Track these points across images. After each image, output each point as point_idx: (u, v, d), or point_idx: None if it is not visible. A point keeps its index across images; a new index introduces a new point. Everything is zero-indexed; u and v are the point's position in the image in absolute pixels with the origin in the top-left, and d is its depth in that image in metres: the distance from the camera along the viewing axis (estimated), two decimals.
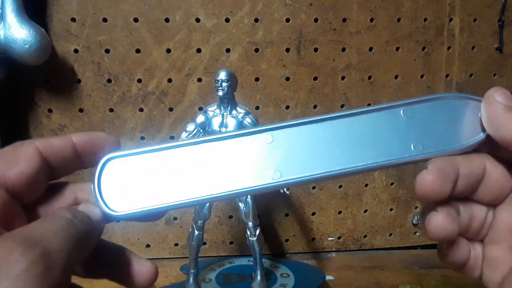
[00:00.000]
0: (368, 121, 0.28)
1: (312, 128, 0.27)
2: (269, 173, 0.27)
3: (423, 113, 0.28)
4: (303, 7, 0.64)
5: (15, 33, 0.55)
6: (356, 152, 0.27)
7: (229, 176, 0.26)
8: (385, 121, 0.28)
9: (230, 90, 0.51)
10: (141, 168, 0.26)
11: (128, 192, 0.26)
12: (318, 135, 0.27)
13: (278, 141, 0.27)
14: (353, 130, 0.28)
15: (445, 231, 0.25)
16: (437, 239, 0.26)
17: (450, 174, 0.26)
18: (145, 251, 0.68)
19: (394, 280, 0.62)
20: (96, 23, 0.61)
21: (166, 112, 0.65)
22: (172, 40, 0.63)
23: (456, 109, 0.28)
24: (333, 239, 0.71)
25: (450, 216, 0.26)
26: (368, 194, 0.71)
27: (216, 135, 0.27)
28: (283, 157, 0.27)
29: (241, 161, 0.27)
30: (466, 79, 0.69)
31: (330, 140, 0.27)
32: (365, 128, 0.28)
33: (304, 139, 0.27)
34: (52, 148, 0.24)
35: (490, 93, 0.26)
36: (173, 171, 0.26)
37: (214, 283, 0.57)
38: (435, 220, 0.25)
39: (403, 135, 0.27)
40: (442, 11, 0.66)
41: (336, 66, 0.66)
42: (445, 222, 0.25)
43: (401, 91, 0.68)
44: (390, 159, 0.27)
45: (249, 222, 0.54)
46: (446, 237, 0.26)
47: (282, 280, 0.58)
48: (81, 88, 0.63)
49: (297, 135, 0.27)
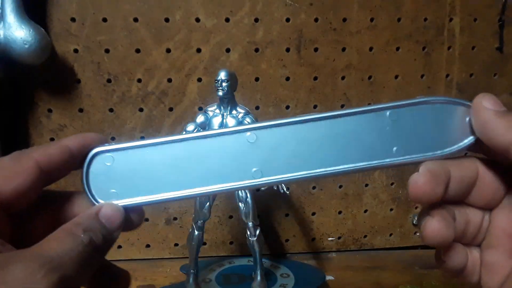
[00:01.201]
0: (353, 123, 0.27)
1: (296, 129, 0.27)
2: (251, 172, 0.27)
3: (410, 117, 0.27)
4: (303, 6, 0.63)
5: (15, 33, 0.55)
6: (339, 154, 0.27)
7: (211, 173, 0.27)
8: (370, 123, 0.27)
9: (230, 90, 0.51)
10: (125, 163, 0.26)
11: (113, 187, 0.26)
12: (302, 136, 0.27)
13: (261, 140, 0.27)
14: (337, 131, 0.27)
15: (440, 236, 0.25)
16: (433, 244, 0.26)
17: (442, 176, 0.26)
18: (145, 251, 0.68)
19: (394, 280, 0.62)
20: (96, 23, 0.61)
21: (166, 112, 0.65)
22: (172, 40, 0.63)
23: (444, 113, 0.27)
24: (333, 239, 0.71)
25: (445, 221, 0.26)
26: (368, 194, 0.71)
27: (200, 133, 0.27)
28: (265, 157, 0.27)
29: (224, 159, 0.27)
30: (467, 79, 0.69)
31: (313, 141, 0.27)
32: (349, 130, 0.27)
33: (288, 140, 0.27)
34: (50, 158, 0.24)
35: (478, 100, 0.26)
36: (157, 167, 0.27)
37: (214, 283, 0.57)
38: (430, 225, 0.25)
39: (387, 139, 0.27)
40: (443, 11, 0.66)
41: (336, 66, 0.66)
42: (440, 227, 0.25)
43: (401, 91, 0.68)
44: (371, 162, 0.27)
45: (249, 222, 0.54)
46: (442, 242, 0.26)
47: (282, 280, 0.58)
48: (81, 88, 0.63)
49: (280, 135, 0.27)
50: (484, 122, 0.25)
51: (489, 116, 0.25)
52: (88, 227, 0.23)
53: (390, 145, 0.27)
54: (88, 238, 0.22)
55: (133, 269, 0.65)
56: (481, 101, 0.26)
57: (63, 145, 0.25)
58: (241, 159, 0.27)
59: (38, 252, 0.20)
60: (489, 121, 0.25)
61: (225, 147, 0.27)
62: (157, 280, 0.63)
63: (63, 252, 0.21)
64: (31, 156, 0.24)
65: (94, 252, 0.23)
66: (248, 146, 0.27)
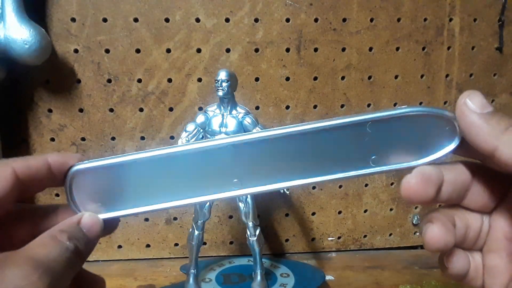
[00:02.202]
0: (332, 135, 0.27)
1: (276, 142, 0.27)
2: (231, 182, 0.28)
3: (390, 128, 0.27)
4: (303, 7, 0.63)
5: (15, 33, 0.55)
6: (316, 165, 0.28)
7: (190, 185, 0.28)
8: (349, 135, 0.27)
9: (230, 90, 0.51)
10: (106, 178, 0.28)
11: (96, 200, 0.28)
12: (281, 148, 0.28)
13: (241, 152, 0.28)
14: (316, 143, 0.27)
15: (441, 242, 0.26)
16: (434, 250, 0.26)
17: (434, 178, 0.26)
18: (145, 251, 0.68)
19: (394, 280, 0.62)
20: (96, 23, 0.61)
21: (166, 112, 0.65)
22: (172, 40, 0.63)
23: (426, 123, 0.27)
24: (333, 239, 0.71)
25: (445, 227, 0.26)
26: (368, 194, 0.71)
27: (178, 147, 0.28)
28: (245, 168, 0.28)
29: (203, 170, 0.28)
30: (466, 79, 0.69)
31: (292, 153, 0.28)
32: (328, 141, 0.27)
33: (267, 152, 0.28)
34: (29, 169, 0.25)
35: (462, 101, 0.25)
36: (136, 181, 0.28)
37: (214, 283, 0.57)
38: (431, 231, 0.26)
39: (365, 149, 0.27)
40: (442, 11, 0.66)
41: (336, 66, 0.66)
42: (440, 233, 0.26)
43: (401, 91, 0.68)
44: (347, 172, 0.28)
45: (249, 222, 0.54)
46: (443, 248, 0.26)
47: (282, 280, 0.58)
48: (81, 88, 0.63)
49: (260, 147, 0.28)
50: (469, 126, 0.25)
51: (473, 120, 0.24)
52: (72, 235, 0.25)
53: (368, 155, 0.27)
54: (73, 245, 0.24)
55: (133, 269, 0.66)
56: (467, 101, 0.25)
57: (43, 159, 0.26)
58: (221, 170, 0.28)
59: (30, 256, 0.22)
60: (474, 125, 0.24)
61: (205, 159, 0.28)
62: (157, 280, 0.63)
63: (53, 257, 0.23)
64: (10, 165, 0.25)
65: (78, 258, 0.24)
66: (229, 158, 0.28)
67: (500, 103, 0.71)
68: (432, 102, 0.69)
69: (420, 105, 0.28)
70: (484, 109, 0.25)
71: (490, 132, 0.24)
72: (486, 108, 0.25)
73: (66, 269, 0.23)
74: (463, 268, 0.27)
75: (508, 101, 0.71)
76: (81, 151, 0.64)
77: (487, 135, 0.24)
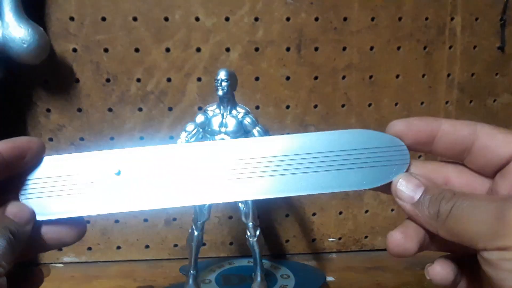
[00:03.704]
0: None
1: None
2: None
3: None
4: (304, 6, 0.63)
5: (13, 32, 0.54)
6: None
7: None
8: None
9: (230, 89, 0.50)
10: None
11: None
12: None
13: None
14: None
15: (400, 248, 0.26)
16: (395, 255, 0.27)
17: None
18: (144, 251, 0.68)
19: (395, 281, 0.62)
20: (95, 22, 0.61)
21: (165, 112, 0.64)
22: (172, 39, 0.62)
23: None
24: (334, 240, 0.71)
25: (404, 234, 0.27)
26: (369, 195, 0.70)
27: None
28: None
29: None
30: (468, 79, 0.69)
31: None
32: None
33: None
34: None
35: (393, 190, 0.27)
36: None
37: (214, 284, 0.57)
38: (390, 237, 0.27)
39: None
40: (444, 10, 0.66)
41: (336, 66, 0.66)
42: (400, 240, 0.26)
43: (402, 91, 0.68)
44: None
45: (249, 223, 0.54)
46: (402, 253, 0.27)
47: (283, 281, 0.58)
48: (79, 88, 0.63)
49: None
50: (407, 212, 0.27)
51: (408, 210, 0.27)
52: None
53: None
54: (4, 225, 0.24)
55: (132, 270, 0.65)
56: (396, 194, 0.27)
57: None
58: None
59: None
60: (409, 214, 0.27)
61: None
62: (157, 281, 0.62)
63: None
64: None
65: (8, 245, 0.24)
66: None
67: (502, 102, 0.71)
68: (434, 102, 0.69)
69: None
70: (416, 194, 0.26)
71: (426, 221, 0.25)
72: (417, 192, 0.26)
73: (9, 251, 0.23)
74: (447, 278, 0.27)
75: (509, 101, 0.71)
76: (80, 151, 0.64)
77: (425, 223, 0.26)
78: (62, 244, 0.28)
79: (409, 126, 0.27)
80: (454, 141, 0.27)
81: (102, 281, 0.62)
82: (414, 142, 0.28)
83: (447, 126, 0.27)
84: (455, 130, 0.27)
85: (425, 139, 0.27)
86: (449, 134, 0.27)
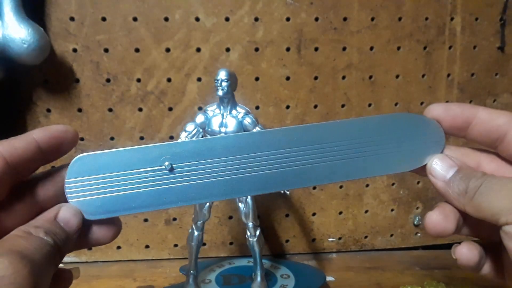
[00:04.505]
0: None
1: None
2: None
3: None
4: (304, 6, 0.63)
5: (13, 32, 0.54)
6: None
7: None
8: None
9: (230, 89, 0.50)
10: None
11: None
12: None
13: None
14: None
15: (439, 227, 0.27)
16: (434, 235, 0.27)
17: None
18: (145, 251, 0.68)
19: (395, 281, 0.62)
20: (95, 22, 0.61)
21: (165, 112, 0.64)
22: (172, 39, 0.62)
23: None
24: (334, 239, 0.71)
25: (443, 214, 0.27)
26: (369, 195, 0.70)
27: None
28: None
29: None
30: (468, 79, 0.69)
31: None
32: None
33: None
34: (16, 151, 0.24)
35: (428, 169, 0.28)
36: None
37: (214, 284, 0.57)
38: (429, 217, 0.27)
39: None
40: (444, 10, 0.66)
41: (336, 66, 0.66)
42: (438, 220, 0.27)
43: (402, 91, 0.68)
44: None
45: (249, 223, 0.54)
46: (441, 233, 0.27)
47: (282, 281, 0.58)
48: (80, 88, 0.63)
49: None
50: (439, 191, 0.28)
51: (440, 187, 0.27)
52: (49, 230, 0.23)
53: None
54: (51, 240, 0.23)
55: (132, 270, 0.65)
56: (430, 171, 0.28)
57: (29, 137, 0.25)
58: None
59: (11, 246, 0.21)
60: (441, 191, 0.28)
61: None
62: (157, 281, 0.62)
63: (34, 249, 0.22)
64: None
65: (57, 253, 0.23)
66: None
67: (501, 102, 0.71)
68: (433, 102, 0.68)
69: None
70: (448, 173, 0.27)
71: (455, 197, 0.27)
72: (450, 171, 0.27)
73: (47, 262, 0.22)
74: (472, 259, 0.27)
75: (509, 101, 0.71)
76: (80, 151, 0.64)
77: (454, 200, 0.27)
78: (97, 244, 0.28)
79: (447, 110, 0.28)
80: (489, 129, 0.27)
81: (102, 281, 0.62)
82: (450, 126, 0.29)
83: (484, 114, 0.28)
84: (491, 119, 0.27)
85: (461, 124, 0.28)
86: (485, 122, 0.28)
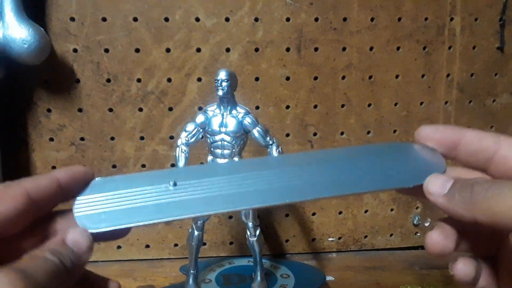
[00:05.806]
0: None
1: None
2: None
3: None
4: (304, 6, 0.63)
5: (14, 33, 0.55)
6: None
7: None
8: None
9: (230, 89, 0.50)
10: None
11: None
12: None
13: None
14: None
15: (438, 246, 0.27)
16: (434, 254, 0.27)
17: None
18: (145, 251, 0.68)
19: (395, 281, 0.62)
20: (95, 22, 0.61)
21: (165, 112, 0.65)
22: (172, 39, 0.62)
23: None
24: (334, 239, 0.71)
25: (443, 233, 0.27)
26: (368, 195, 0.70)
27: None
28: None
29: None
30: (467, 79, 0.69)
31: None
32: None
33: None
34: (39, 188, 0.26)
35: (424, 186, 0.27)
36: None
37: (214, 283, 0.57)
38: (430, 236, 0.27)
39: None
40: (443, 10, 0.66)
41: (336, 66, 0.66)
42: (439, 239, 0.27)
43: (402, 91, 0.68)
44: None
45: (249, 223, 0.54)
46: (440, 252, 0.27)
47: (282, 281, 0.58)
48: (80, 88, 0.63)
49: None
50: (440, 207, 0.27)
51: (440, 204, 0.27)
52: (55, 250, 0.24)
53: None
54: (57, 259, 0.24)
55: (133, 270, 0.65)
56: (427, 191, 0.27)
57: (53, 176, 0.27)
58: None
59: (15, 266, 0.22)
60: (442, 207, 0.27)
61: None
62: (157, 280, 0.62)
63: (35, 268, 0.22)
64: (21, 185, 0.25)
65: (65, 273, 0.24)
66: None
67: (501, 102, 0.71)
68: (433, 102, 0.69)
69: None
70: (445, 187, 0.27)
71: (460, 207, 0.26)
72: (447, 184, 0.27)
73: (50, 281, 0.23)
74: (469, 274, 0.27)
75: (509, 101, 0.71)
76: (80, 151, 0.64)
77: (460, 211, 0.26)
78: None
79: (434, 132, 0.29)
80: (477, 149, 0.28)
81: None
82: (438, 147, 0.29)
83: (471, 135, 0.28)
84: (479, 139, 0.28)
85: (449, 144, 0.29)
86: (473, 143, 0.28)
